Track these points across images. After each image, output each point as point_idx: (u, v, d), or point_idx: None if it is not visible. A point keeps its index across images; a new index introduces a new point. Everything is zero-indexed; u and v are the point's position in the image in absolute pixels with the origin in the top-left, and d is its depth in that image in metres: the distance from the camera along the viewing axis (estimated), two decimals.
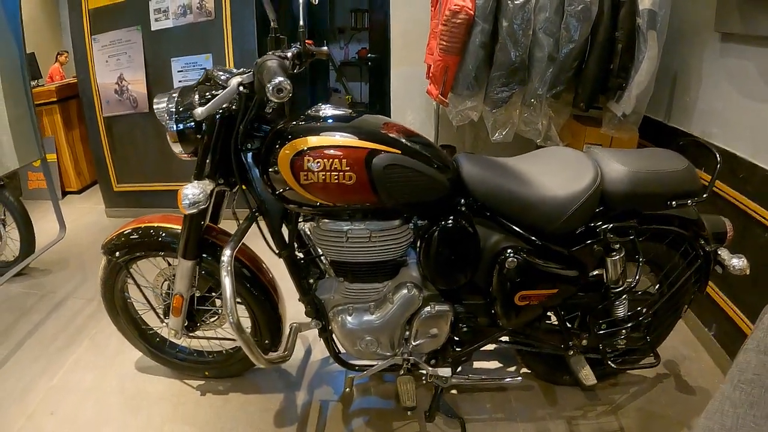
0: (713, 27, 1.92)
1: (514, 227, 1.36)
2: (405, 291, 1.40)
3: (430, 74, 2.13)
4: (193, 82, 1.43)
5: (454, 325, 1.47)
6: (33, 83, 3.52)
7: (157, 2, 2.71)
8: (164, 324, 1.70)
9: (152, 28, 2.77)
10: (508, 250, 1.34)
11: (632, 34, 1.93)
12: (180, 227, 1.56)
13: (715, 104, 1.96)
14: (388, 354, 1.49)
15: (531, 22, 1.93)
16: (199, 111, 1.16)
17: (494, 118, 2.11)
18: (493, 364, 1.89)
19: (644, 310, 1.53)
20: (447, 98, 2.10)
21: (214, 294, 1.68)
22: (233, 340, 1.78)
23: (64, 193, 3.64)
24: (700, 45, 2.03)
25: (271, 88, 1.04)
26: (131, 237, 1.61)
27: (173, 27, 2.73)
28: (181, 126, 1.32)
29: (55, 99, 3.41)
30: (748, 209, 1.73)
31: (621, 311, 1.53)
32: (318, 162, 1.19)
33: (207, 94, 1.32)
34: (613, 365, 1.55)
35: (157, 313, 1.73)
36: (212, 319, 1.74)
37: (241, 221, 1.44)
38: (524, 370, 1.85)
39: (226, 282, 1.29)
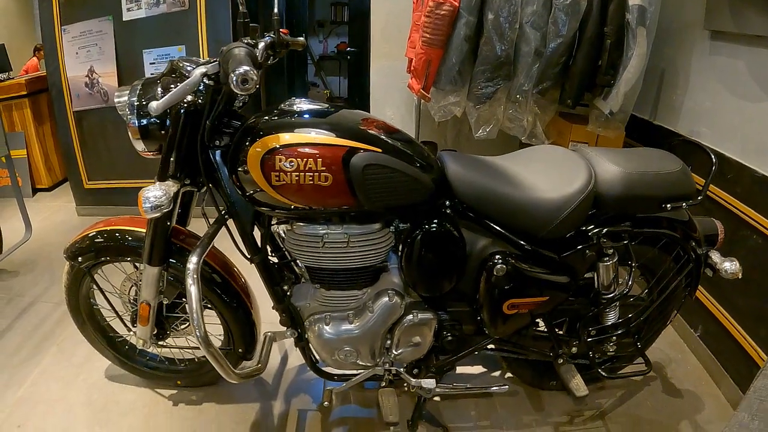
0: (703, 25, 1.83)
1: (502, 231, 1.24)
2: (386, 299, 1.27)
3: (412, 68, 2.00)
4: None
5: (438, 333, 1.35)
6: (2, 76, 3.30)
7: None
8: (132, 332, 1.56)
9: (124, 18, 2.57)
10: (497, 256, 1.22)
11: (621, 30, 1.82)
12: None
13: (703, 103, 1.88)
14: (369, 364, 1.37)
15: (518, 15, 1.81)
16: (155, 105, 1.01)
17: (478, 114, 1.99)
18: (477, 369, 1.78)
19: (635, 315, 1.43)
20: (429, 93, 1.97)
21: (184, 300, 1.53)
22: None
23: (35, 190, 3.40)
24: (689, 42, 1.94)
25: (234, 78, 0.90)
26: (96, 241, 1.45)
27: (146, 17, 2.54)
28: (143, 121, 1.17)
29: (25, 92, 3.17)
30: (737, 211, 1.66)
31: (612, 317, 1.43)
32: (291, 161, 1.06)
33: (171, 86, 1.16)
34: (603, 373, 1.45)
35: (123, 321, 1.58)
36: (183, 327, 1.59)
37: (211, 222, 1.30)
38: (508, 374, 1.75)
39: (193, 292, 1.15)
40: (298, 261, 1.41)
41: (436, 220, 1.20)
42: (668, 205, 1.27)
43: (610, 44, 1.82)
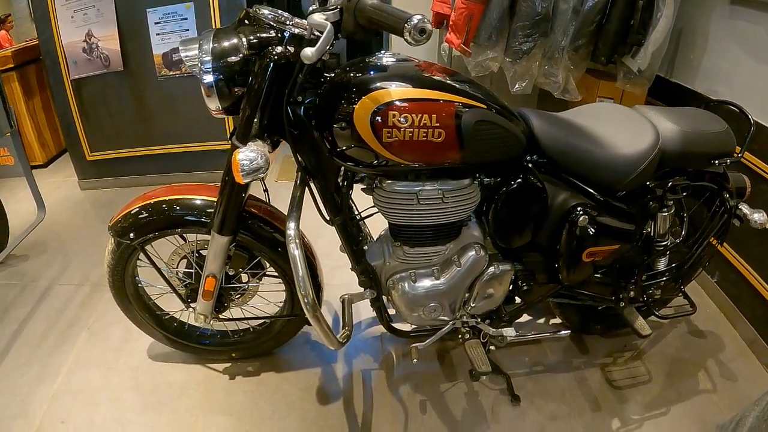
0: None
1: (581, 185, 1.26)
2: (473, 252, 1.28)
3: (452, 22, 1.95)
4: (175, 34, 1.15)
5: (512, 283, 1.37)
6: None
7: None
8: (189, 309, 1.47)
9: None
10: (578, 208, 1.24)
11: None
12: (193, 196, 1.34)
13: (721, 64, 1.93)
14: (448, 318, 1.37)
15: None
16: (309, 52, 0.92)
17: (514, 69, 1.99)
18: (524, 317, 1.82)
19: (681, 261, 1.51)
20: (469, 48, 1.94)
21: (241, 270, 1.46)
22: (263, 317, 1.58)
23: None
24: (710, 6, 1.97)
25: (410, 28, 0.83)
26: (140, 216, 1.35)
27: None
28: (215, 77, 1.06)
29: (12, 65, 2.86)
30: (755, 166, 1.74)
31: (663, 263, 1.51)
32: (405, 117, 1.01)
33: (252, 37, 1.07)
34: (657, 314, 1.53)
35: (181, 297, 1.48)
36: (238, 297, 1.52)
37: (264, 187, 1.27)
38: (552, 321, 1.81)
39: (298, 256, 1.11)
40: (362, 220, 1.37)
41: (522, 175, 1.20)
42: (716, 162, 1.34)
43: (642, 5, 1.84)
